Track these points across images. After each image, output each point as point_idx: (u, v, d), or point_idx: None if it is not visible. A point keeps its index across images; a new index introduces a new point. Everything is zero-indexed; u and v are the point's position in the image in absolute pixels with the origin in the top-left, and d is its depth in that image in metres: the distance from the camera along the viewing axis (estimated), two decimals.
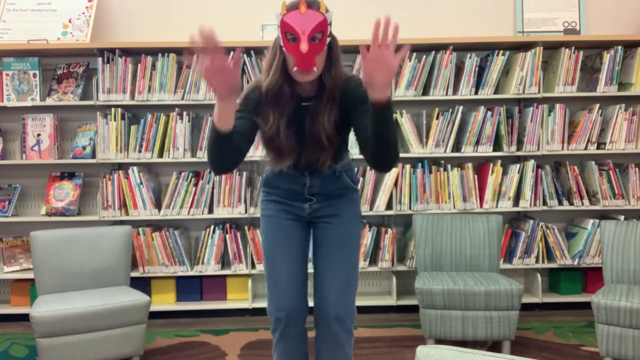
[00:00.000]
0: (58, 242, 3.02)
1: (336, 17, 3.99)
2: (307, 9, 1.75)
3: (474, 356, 1.15)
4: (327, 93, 1.86)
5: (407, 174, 3.57)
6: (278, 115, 1.88)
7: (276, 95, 1.86)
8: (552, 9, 3.83)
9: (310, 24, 1.74)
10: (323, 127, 1.87)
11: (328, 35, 1.80)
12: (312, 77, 1.82)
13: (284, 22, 1.76)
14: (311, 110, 1.89)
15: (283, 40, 1.79)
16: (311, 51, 1.74)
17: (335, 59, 1.87)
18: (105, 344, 2.73)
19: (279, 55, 1.85)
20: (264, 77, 1.89)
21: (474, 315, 2.91)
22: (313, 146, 1.91)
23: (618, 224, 3.06)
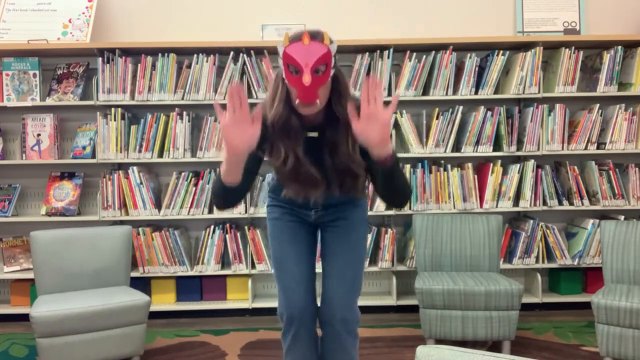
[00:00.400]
0: (58, 242, 3.02)
1: (336, 18, 4.01)
2: (310, 41, 1.71)
3: (474, 356, 1.15)
4: (342, 124, 1.81)
5: (407, 174, 3.57)
6: (292, 146, 1.83)
7: (284, 127, 1.81)
8: (552, 9, 3.83)
9: (313, 56, 1.69)
10: (350, 158, 1.82)
11: (333, 66, 1.76)
12: (315, 110, 1.77)
13: (287, 54, 1.72)
14: (328, 143, 1.84)
15: (286, 73, 1.75)
16: (314, 84, 1.69)
17: (343, 90, 1.82)
18: (105, 344, 2.73)
19: (282, 87, 1.81)
20: (268, 109, 1.83)
21: (474, 315, 2.91)
22: (342, 177, 1.86)
23: (618, 224, 3.06)
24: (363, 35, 3.71)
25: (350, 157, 1.83)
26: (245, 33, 3.72)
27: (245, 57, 3.53)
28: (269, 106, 1.84)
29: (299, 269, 2.02)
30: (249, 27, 3.75)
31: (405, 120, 3.57)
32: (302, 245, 2.07)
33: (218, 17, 3.81)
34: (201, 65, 3.54)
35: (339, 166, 1.85)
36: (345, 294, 2.00)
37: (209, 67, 3.53)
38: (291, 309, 1.98)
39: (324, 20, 3.77)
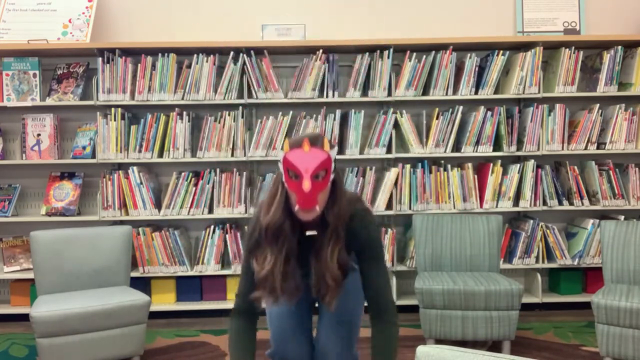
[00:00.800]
0: (58, 242, 3.02)
1: (336, 18, 4.00)
2: (310, 148, 1.74)
3: (474, 356, 1.15)
4: (330, 230, 1.81)
5: (407, 174, 3.58)
6: (276, 253, 1.82)
7: (275, 232, 1.81)
8: (552, 9, 3.83)
9: (313, 163, 1.72)
10: (327, 267, 1.81)
11: (332, 171, 1.77)
12: (314, 216, 1.78)
13: (287, 160, 1.74)
14: (315, 246, 1.85)
15: (286, 178, 1.76)
16: (314, 189, 1.71)
17: (338, 195, 1.83)
18: (105, 344, 2.73)
19: (281, 191, 1.81)
20: (264, 213, 1.83)
21: (474, 315, 2.91)
22: (318, 283, 1.86)
23: (618, 224, 3.06)
24: (363, 35, 3.71)
25: (327, 267, 1.81)
26: (245, 33, 3.72)
27: (245, 57, 3.53)
28: (265, 210, 1.83)
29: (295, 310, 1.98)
30: (249, 27, 3.75)
31: (405, 120, 3.57)
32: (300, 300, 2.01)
33: (218, 17, 3.81)
34: (201, 65, 3.54)
35: (317, 271, 1.85)
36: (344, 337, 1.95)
37: (209, 67, 3.53)
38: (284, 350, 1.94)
39: (324, 20, 3.78)
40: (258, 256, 1.85)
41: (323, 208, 1.80)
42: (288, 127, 3.56)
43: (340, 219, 1.82)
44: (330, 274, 1.82)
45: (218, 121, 3.56)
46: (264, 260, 1.83)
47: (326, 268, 1.82)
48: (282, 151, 1.78)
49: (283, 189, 1.80)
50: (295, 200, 1.74)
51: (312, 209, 1.74)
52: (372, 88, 3.57)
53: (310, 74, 3.54)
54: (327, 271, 1.82)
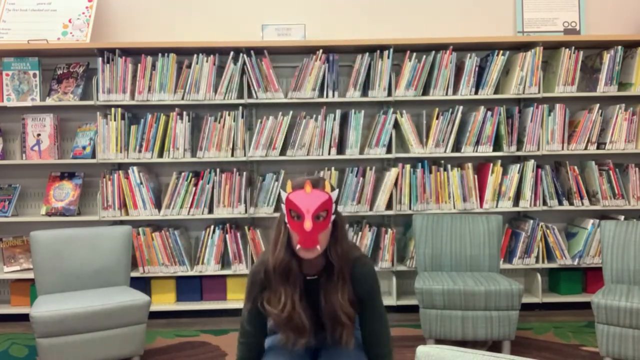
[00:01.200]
0: (58, 242, 3.02)
1: (336, 17, 4.00)
2: (312, 189, 1.80)
3: (474, 356, 1.15)
4: (336, 271, 1.86)
5: (407, 174, 3.58)
6: (290, 292, 1.86)
7: (284, 272, 1.85)
8: (552, 9, 3.83)
9: (314, 203, 1.78)
10: (340, 305, 1.86)
11: (333, 212, 1.82)
12: (315, 255, 1.81)
13: (289, 200, 1.80)
14: (323, 289, 1.89)
15: (288, 218, 1.82)
16: (315, 229, 1.76)
17: (340, 236, 1.87)
18: (105, 344, 2.73)
19: (284, 232, 1.86)
20: (271, 254, 1.88)
21: (474, 315, 2.91)
22: (332, 324, 1.89)
23: (618, 224, 3.06)
24: (363, 35, 3.71)
25: (339, 305, 1.86)
26: (245, 33, 3.72)
27: (245, 57, 3.53)
28: (272, 251, 1.88)
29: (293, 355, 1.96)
30: (249, 27, 3.75)
31: (405, 120, 3.57)
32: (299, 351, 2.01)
33: (218, 17, 3.81)
34: (201, 65, 3.54)
35: (329, 313, 1.87)
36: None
37: (209, 67, 3.53)
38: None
39: (324, 20, 3.78)
40: (271, 299, 1.88)
41: (325, 248, 1.84)
42: (288, 127, 3.56)
43: (343, 259, 1.87)
44: (343, 313, 1.86)
45: (218, 121, 3.56)
46: (279, 301, 1.86)
47: (339, 307, 1.86)
48: (285, 192, 1.83)
49: (286, 229, 1.86)
50: (297, 240, 1.79)
51: (313, 248, 1.78)
52: (372, 88, 3.57)
53: (310, 74, 3.54)
54: (340, 310, 1.86)
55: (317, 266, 1.89)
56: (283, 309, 1.85)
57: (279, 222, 1.89)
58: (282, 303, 1.86)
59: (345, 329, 1.88)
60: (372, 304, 1.95)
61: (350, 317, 1.88)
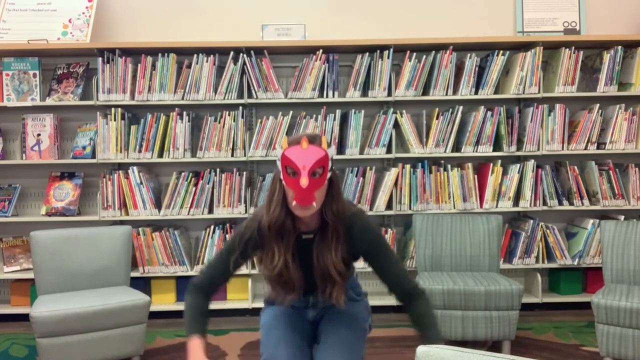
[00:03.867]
0: (58, 242, 3.02)
1: (336, 18, 4.00)
2: (308, 145, 1.76)
3: (474, 356, 1.15)
4: (330, 228, 1.83)
5: (407, 174, 3.58)
6: (284, 250, 1.84)
7: (279, 229, 1.83)
8: (552, 9, 3.83)
9: (311, 159, 1.73)
10: (332, 263, 1.84)
11: (329, 170, 1.79)
12: (311, 212, 1.79)
13: (285, 157, 1.76)
14: (316, 246, 1.86)
15: (283, 174, 1.78)
16: (311, 186, 1.72)
17: (336, 194, 1.84)
18: (105, 344, 2.73)
19: (279, 189, 1.83)
20: (265, 212, 1.86)
21: (474, 315, 2.91)
22: (324, 281, 1.88)
23: (618, 224, 3.06)
24: (363, 35, 3.71)
25: (332, 262, 1.84)
26: (245, 33, 3.72)
27: (245, 57, 3.53)
28: (266, 208, 1.86)
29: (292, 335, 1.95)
30: (249, 27, 3.75)
31: (405, 120, 3.57)
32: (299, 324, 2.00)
33: (218, 17, 3.81)
34: (201, 65, 3.54)
35: (321, 270, 1.86)
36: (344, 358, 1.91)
37: (209, 67, 3.53)
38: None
39: (324, 20, 3.78)
40: (264, 257, 1.87)
41: (320, 206, 1.81)
42: (288, 127, 3.56)
43: (338, 217, 1.84)
44: (335, 269, 1.84)
45: (218, 121, 3.56)
46: (272, 258, 1.85)
47: (331, 264, 1.84)
48: (281, 149, 1.79)
49: (281, 187, 1.82)
50: (293, 197, 1.75)
51: (309, 205, 1.75)
52: (372, 88, 3.57)
53: (310, 74, 3.54)
54: (332, 267, 1.84)
55: (312, 225, 1.87)
56: (275, 266, 1.84)
57: (274, 180, 1.86)
58: (275, 261, 1.84)
59: (336, 286, 1.87)
60: (378, 252, 1.92)
61: (342, 274, 1.86)
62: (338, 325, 1.97)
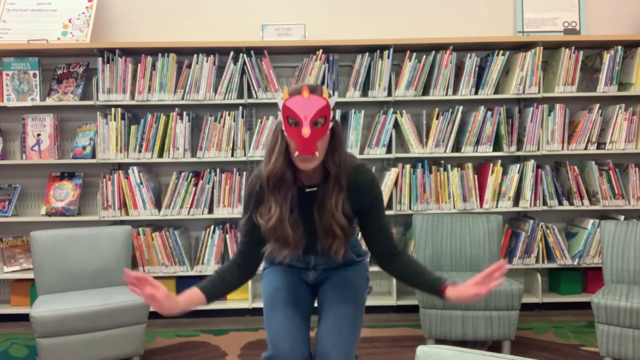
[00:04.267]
0: (58, 242, 3.02)
1: (336, 18, 4.00)
2: (309, 94, 1.73)
3: (474, 356, 1.15)
4: (332, 180, 1.80)
5: (407, 174, 3.57)
6: (280, 202, 1.81)
7: (278, 181, 1.80)
8: (552, 9, 3.83)
9: (312, 109, 1.71)
10: (333, 216, 1.81)
11: (331, 120, 1.77)
12: (314, 164, 1.77)
13: (286, 107, 1.73)
14: (318, 198, 1.83)
15: (285, 125, 1.75)
16: (313, 136, 1.70)
17: (338, 144, 1.82)
18: (105, 344, 2.73)
19: (281, 140, 1.80)
20: (265, 164, 1.84)
21: (474, 315, 2.91)
22: (325, 235, 1.85)
23: (618, 224, 3.06)
24: (363, 35, 3.71)
25: (333, 216, 1.81)
26: (245, 33, 3.72)
27: (245, 57, 3.53)
28: (266, 160, 1.84)
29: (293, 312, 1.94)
30: (249, 27, 3.74)
31: (405, 120, 3.57)
32: (298, 296, 2.00)
33: (218, 17, 3.81)
34: (201, 65, 3.54)
35: (323, 224, 1.84)
36: (343, 339, 1.91)
37: (209, 67, 3.53)
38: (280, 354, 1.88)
39: (324, 20, 3.78)
40: (262, 211, 1.84)
41: (323, 157, 1.79)
42: None
43: (341, 168, 1.81)
44: (337, 223, 1.81)
45: (218, 121, 3.56)
46: (269, 210, 1.83)
47: (332, 217, 1.81)
48: (282, 99, 1.76)
49: (283, 138, 1.79)
50: (295, 147, 1.73)
51: (312, 155, 1.73)
52: (372, 88, 3.57)
53: (310, 74, 3.54)
54: (334, 220, 1.81)
55: (314, 178, 1.85)
56: (270, 218, 1.81)
57: (276, 131, 1.83)
58: (270, 213, 1.82)
59: (337, 240, 1.84)
60: (378, 208, 1.90)
61: (343, 228, 1.83)
62: (338, 301, 1.96)
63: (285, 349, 1.87)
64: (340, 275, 2.02)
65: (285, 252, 1.86)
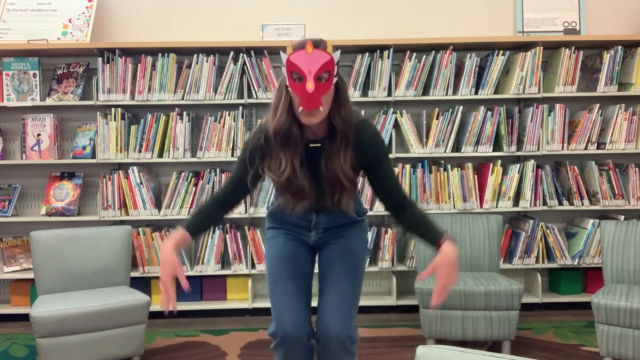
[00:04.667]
0: (58, 242, 3.02)
1: (336, 18, 4.00)
2: (313, 49, 1.73)
3: (474, 356, 1.15)
4: (339, 134, 1.82)
5: (407, 174, 3.57)
6: (290, 156, 1.83)
7: (285, 136, 1.81)
8: (552, 9, 3.83)
9: (316, 64, 1.71)
10: (341, 169, 1.83)
11: (335, 75, 1.77)
12: (318, 119, 1.77)
13: (290, 62, 1.74)
14: (325, 152, 1.85)
15: (289, 80, 1.75)
16: (317, 91, 1.70)
17: (343, 99, 1.83)
18: (105, 344, 2.73)
19: (285, 96, 1.80)
20: (271, 119, 1.84)
21: (474, 315, 2.91)
22: (332, 188, 1.87)
23: (618, 224, 3.06)
24: (363, 35, 3.71)
25: (341, 168, 1.83)
26: (245, 33, 3.72)
27: (245, 57, 3.53)
28: (272, 116, 1.84)
29: (294, 285, 1.97)
30: (249, 27, 3.74)
31: (405, 120, 3.57)
32: (299, 263, 2.03)
33: (218, 17, 3.81)
34: (201, 65, 3.54)
35: (330, 177, 1.85)
36: (343, 315, 1.94)
37: (209, 67, 3.53)
38: (284, 329, 1.92)
39: (324, 20, 3.78)
40: (272, 165, 1.86)
41: (328, 112, 1.80)
42: None
43: (347, 122, 1.82)
44: (344, 175, 1.83)
45: (218, 121, 3.56)
46: (279, 165, 1.84)
47: (340, 169, 1.83)
48: (285, 54, 1.76)
49: (287, 94, 1.80)
50: (299, 103, 1.73)
51: (316, 110, 1.73)
52: (372, 88, 3.57)
53: None
54: (342, 172, 1.83)
55: (320, 133, 1.86)
56: (283, 173, 1.83)
57: (280, 87, 1.83)
58: (282, 167, 1.83)
59: (346, 192, 1.87)
60: (384, 159, 1.92)
61: (351, 180, 1.86)
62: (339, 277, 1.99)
63: (287, 325, 1.91)
64: (341, 244, 2.04)
65: (301, 205, 1.90)
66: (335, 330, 1.91)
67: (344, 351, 1.94)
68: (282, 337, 1.92)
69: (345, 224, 2.04)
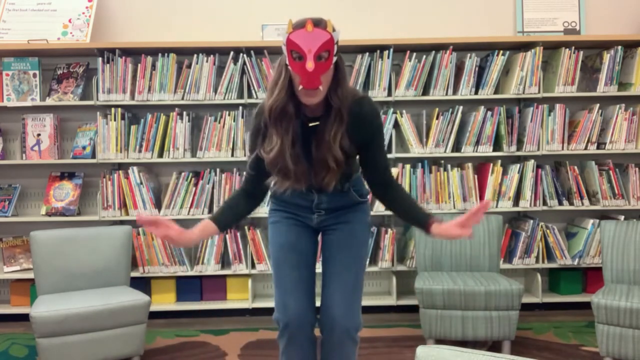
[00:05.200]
0: (58, 242, 3.02)
1: (336, 18, 3.99)
2: (313, 28, 1.73)
3: (474, 356, 1.15)
4: (333, 112, 1.81)
5: (407, 174, 3.57)
6: (281, 134, 1.82)
7: (280, 114, 1.81)
8: (552, 9, 3.83)
9: (316, 43, 1.70)
10: (329, 148, 1.81)
11: (335, 54, 1.76)
12: (318, 98, 1.77)
13: (290, 41, 1.73)
14: (318, 131, 1.84)
15: (289, 59, 1.75)
16: (317, 70, 1.69)
17: (341, 78, 1.82)
18: (105, 344, 2.73)
19: (285, 74, 1.80)
20: (268, 97, 1.84)
21: (474, 315, 2.91)
22: (319, 167, 1.86)
23: (618, 224, 3.06)
24: (363, 35, 3.71)
25: (330, 148, 1.82)
26: (245, 33, 3.72)
27: (245, 57, 3.53)
28: (269, 93, 1.84)
29: (298, 273, 1.98)
30: (249, 27, 3.74)
31: (405, 120, 3.57)
32: (303, 250, 2.03)
33: (218, 17, 3.81)
34: (201, 65, 3.54)
35: (319, 156, 1.85)
36: (346, 301, 1.95)
37: (209, 67, 3.54)
38: (287, 315, 1.94)
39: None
40: (265, 144, 1.86)
41: (326, 91, 1.79)
42: None
43: (343, 101, 1.81)
44: (332, 156, 1.82)
45: (218, 121, 3.56)
46: (270, 142, 1.84)
47: (328, 149, 1.82)
48: (285, 33, 1.75)
49: (287, 72, 1.79)
50: (299, 81, 1.72)
51: (316, 89, 1.73)
52: (372, 88, 3.57)
53: None
54: (330, 152, 1.82)
55: (317, 111, 1.85)
56: (271, 150, 1.83)
57: (280, 65, 1.83)
58: (272, 144, 1.83)
59: (330, 172, 1.85)
60: (379, 138, 1.92)
61: (338, 161, 1.83)
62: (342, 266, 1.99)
63: (291, 314, 1.93)
64: (345, 230, 2.04)
65: (287, 184, 1.89)
66: (341, 320, 1.93)
67: (349, 339, 1.96)
68: (286, 324, 1.94)
69: (347, 206, 2.04)
